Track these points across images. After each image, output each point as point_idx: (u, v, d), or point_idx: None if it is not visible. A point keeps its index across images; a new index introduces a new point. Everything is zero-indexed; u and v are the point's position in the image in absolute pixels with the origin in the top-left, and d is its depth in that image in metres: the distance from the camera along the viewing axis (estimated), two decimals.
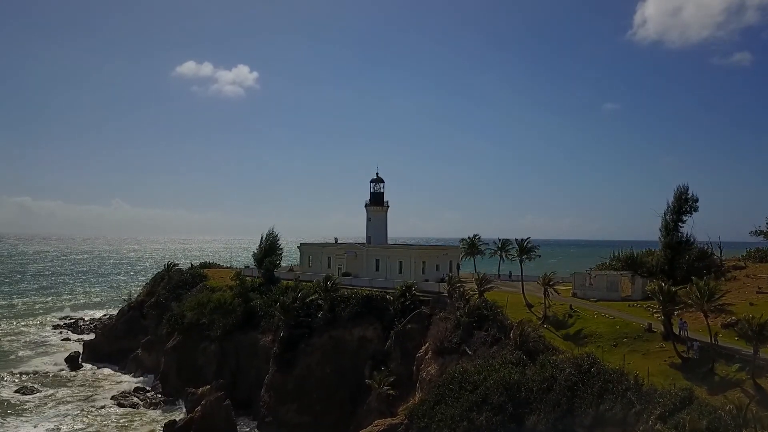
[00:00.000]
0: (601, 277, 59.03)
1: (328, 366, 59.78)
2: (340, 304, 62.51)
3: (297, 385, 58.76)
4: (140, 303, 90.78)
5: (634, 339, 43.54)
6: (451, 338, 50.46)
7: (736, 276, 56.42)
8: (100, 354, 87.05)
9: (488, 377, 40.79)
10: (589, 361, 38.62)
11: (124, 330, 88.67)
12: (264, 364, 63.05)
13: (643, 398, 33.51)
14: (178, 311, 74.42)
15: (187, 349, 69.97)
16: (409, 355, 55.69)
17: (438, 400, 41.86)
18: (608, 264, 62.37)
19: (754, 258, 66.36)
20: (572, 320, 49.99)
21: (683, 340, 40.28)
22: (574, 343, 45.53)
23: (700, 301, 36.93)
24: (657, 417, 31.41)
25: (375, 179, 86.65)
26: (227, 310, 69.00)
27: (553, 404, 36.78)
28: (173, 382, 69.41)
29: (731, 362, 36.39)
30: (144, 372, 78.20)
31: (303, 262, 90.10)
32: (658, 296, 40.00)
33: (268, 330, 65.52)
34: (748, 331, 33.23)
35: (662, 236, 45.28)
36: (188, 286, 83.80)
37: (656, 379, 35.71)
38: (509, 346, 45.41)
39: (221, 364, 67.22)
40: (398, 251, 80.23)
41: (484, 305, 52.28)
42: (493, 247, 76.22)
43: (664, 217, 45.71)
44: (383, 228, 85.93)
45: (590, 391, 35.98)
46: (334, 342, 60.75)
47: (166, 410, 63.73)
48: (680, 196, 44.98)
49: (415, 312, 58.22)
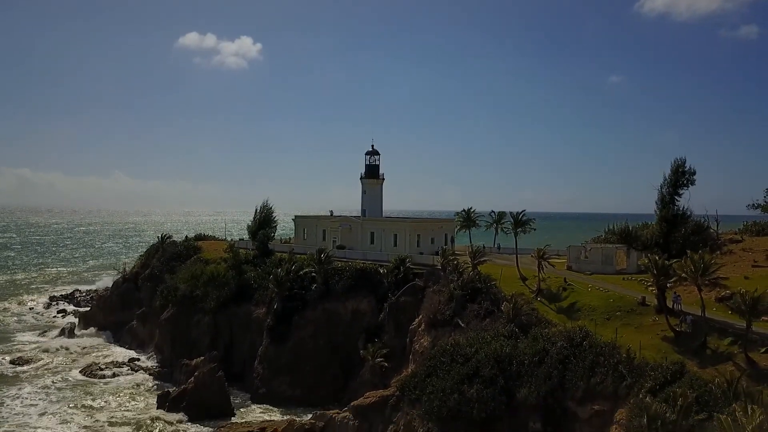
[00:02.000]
0: (596, 250, 58.69)
1: (321, 338, 59.77)
2: (333, 276, 62.27)
3: (290, 357, 58.78)
4: (135, 275, 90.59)
5: (627, 312, 43.34)
6: (444, 311, 50.30)
7: (732, 250, 56.10)
8: (96, 325, 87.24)
9: (480, 350, 40.67)
10: (582, 334, 38.48)
11: (118, 302, 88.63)
12: (257, 336, 63.04)
13: (634, 371, 33.41)
14: (171, 283, 74.17)
15: (181, 321, 69.88)
16: (402, 328, 55.62)
17: (429, 373, 41.78)
18: (603, 237, 62.01)
19: (751, 231, 66.05)
20: (566, 293, 49.74)
21: (677, 314, 40.05)
22: (568, 316, 45.38)
23: (694, 275, 36.58)
24: (647, 390, 31.28)
25: (370, 151, 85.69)
26: (221, 282, 68.74)
27: (544, 377, 36.69)
28: (167, 353, 69.49)
29: (724, 336, 36.18)
30: (138, 343, 78.30)
31: (298, 234, 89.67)
32: (652, 270, 39.65)
33: (261, 302, 65.35)
34: (742, 305, 32.92)
35: (658, 209, 44.79)
36: (182, 258, 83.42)
37: (648, 352, 35.55)
38: (502, 319, 45.25)
39: (215, 336, 67.19)
40: (393, 224, 79.78)
41: (477, 278, 52.03)
42: (489, 220, 75.78)
43: (660, 190, 45.19)
44: (378, 201, 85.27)
45: (581, 364, 35.86)
46: (328, 315, 60.65)
47: (160, 381, 63.81)
48: (677, 169, 44.39)
49: (408, 285, 57.97)
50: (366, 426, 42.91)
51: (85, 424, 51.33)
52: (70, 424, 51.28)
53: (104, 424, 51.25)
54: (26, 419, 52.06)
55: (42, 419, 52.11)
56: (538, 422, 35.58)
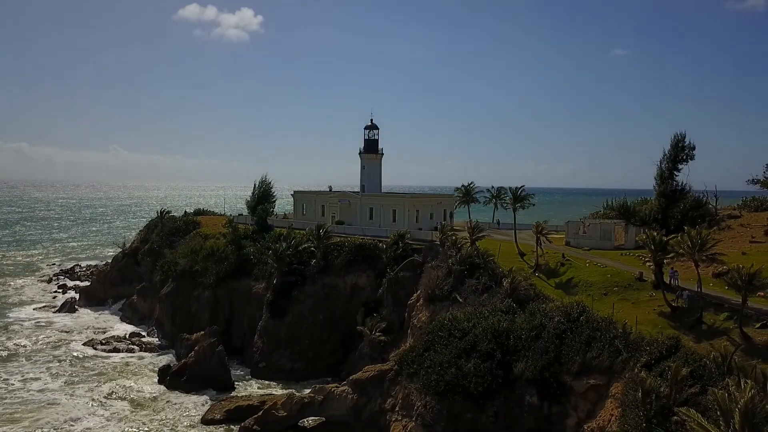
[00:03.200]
0: (595, 225, 58.76)
1: (320, 313, 60.17)
2: (333, 252, 62.44)
3: (290, 331, 59.22)
4: (134, 250, 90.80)
5: (624, 288, 43.49)
6: (443, 286, 50.55)
7: (730, 225, 56.11)
8: (96, 300, 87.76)
9: (477, 325, 40.97)
10: (579, 309, 38.69)
11: (118, 277, 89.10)
12: (257, 311, 63.44)
13: (630, 346, 33.65)
14: (171, 258, 74.37)
15: (181, 295, 70.26)
16: (401, 303, 55.98)
17: (427, 347, 42.15)
18: (602, 213, 61.98)
19: (750, 207, 66.00)
20: (564, 269, 49.92)
21: (673, 289, 40.22)
22: (565, 291, 45.57)
23: (691, 251, 36.61)
24: (643, 364, 31.59)
25: (369, 126, 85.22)
26: (220, 257, 68.94)
27: (541, 352, 37.02)
28: (168, 328, 70.02)
29: (720, 311, 36.37)
30: (139, 318, 78.80)
31: (297, 210, 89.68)
32: (649, 245, 39.68)
33: (261, 277, 65.61)
34: (738, 281, 33.02)
35: (657, 185, 44.62)
36: (181, 233, 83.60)
37: (644, 327, 35.79)
38: (500, 294, 45.50)
39: (215, 310, 67.62)
40: (392, 200, 79.74)
41: (475, 254, 52.13)
42: (488, 195, 75.66)
43: (659, 165, 44.93)
44: (377, 176, 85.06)
45: (578, 339, 36.12)
46: (327, 289, 60.97)
47: (160, 355, 64.41)
48: (677, 144, 44.02)
49: (407, 260, 58.18)
50: (364, 399, 43.43)
51: (85, 398, 51.88)
52: (71, 398, 51.81)
53: (104, 399, 51.80)
54: (26, 395, 52.51)
55: (42, 394, 52.58)
56: (534, 396, 36.03)
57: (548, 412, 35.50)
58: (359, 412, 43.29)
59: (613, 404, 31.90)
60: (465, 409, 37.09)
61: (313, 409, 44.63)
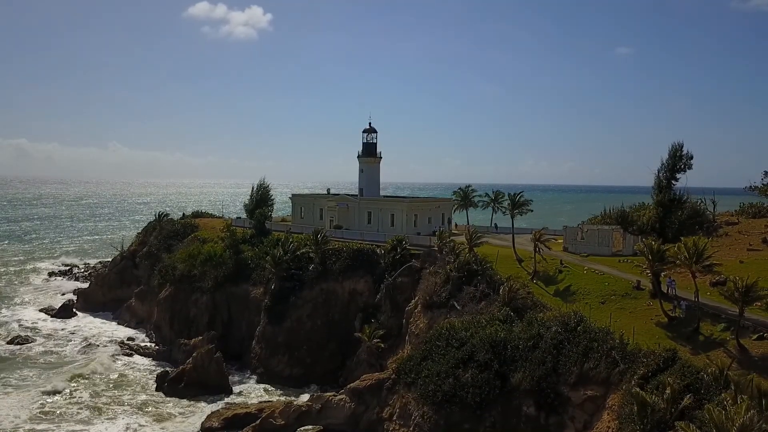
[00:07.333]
0: (593, 231, 58.80)
1: (318, 318, 60.16)
2: (331, 257, 62.41)
3: (288, 337, 59.23)
4: (132, 253, 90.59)
5: (622, 297, 43.62)
6: (441, 293, 50.59)
7: (728, 232, 56.16)
8: (94, 303, 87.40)
9: (475, 334, 41.02)
10: (576, 318, 38.76)
11: (117, 280, 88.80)
12: (255, 316, 63.44)
13: (627, 358, 33.75)
14: (169, 262, 74.30)
15: (179, 300, 70.19)
16: (399, 309, 56.01)
17: (425, 356, 42.22)
18: (599, 218, 62.02)
19: (747, 213, 66.03)
20: (562, 276, 49.99)
21: (671, 299, 40.29)
22: (563, 299, 45.63)
23: (688, 261, 36.71)
24: (640, 377, 31.66)
25: (368, 129, 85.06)
26: (218, 262, 68.88)
27: (538, 362, 37.09)
28: (166, 332, 69.96)
29: (717, 322, 36.49)
30: (137, 322, 78.64)
31: (295, 213, 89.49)
32: (647, 255, 39.77)
33: (259, 282, 65.58)
34: (735, 292, 33.10)
35: (655, 194, 44.75)
36: (179, 236, 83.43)
37: (642, 337, 35.86)
38: (497, 302, 45.51)
39: (213, 315, 67.58)
40: (390, 204, 79.67)
41: (473, 260, 52.16)
42: (486, 199, 75.78)
43: (657, 174, 45.09)
44: (376, 180, 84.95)
45: (575, 349, 36.22)
46: (325, 295, 60.95)
47: (158, 360, 64.25)
48: (675, 154, 44.24)
49: (405, 266, 58.18)
50: (362, 408, 43.46)
51: (83, 403, 51.75)
52: (68, 403, 51.67)
53: (102, 404, 51.70)
54: (24, 398, 52.40)
55: (40, 398, 52.41)
56: (531, 406, 36.11)
57: (545, 423, 35.59)
58: (357, 420, 43.33)
59: (610, 416, 31.99)
60: (462, 420, 37.19)
61: (311, 418, 44.64)
